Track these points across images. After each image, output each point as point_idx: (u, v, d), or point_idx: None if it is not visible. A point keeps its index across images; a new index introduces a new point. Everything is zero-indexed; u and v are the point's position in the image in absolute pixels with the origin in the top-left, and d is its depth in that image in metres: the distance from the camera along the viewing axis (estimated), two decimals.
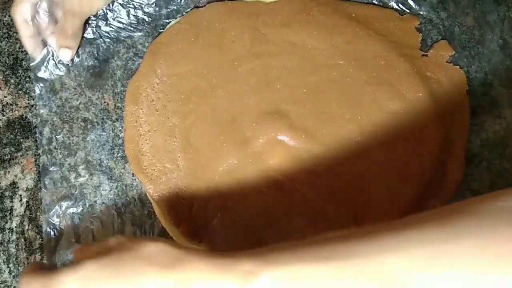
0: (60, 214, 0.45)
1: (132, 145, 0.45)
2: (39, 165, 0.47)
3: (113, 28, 0.49)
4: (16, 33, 0.50)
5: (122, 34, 0.49)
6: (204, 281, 0.29)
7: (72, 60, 0.48)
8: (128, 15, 0.49)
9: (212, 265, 0.29)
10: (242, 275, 0.28)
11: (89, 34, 0.49)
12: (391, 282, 0.26)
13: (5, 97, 0.49)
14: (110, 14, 0.49)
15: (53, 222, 0.45)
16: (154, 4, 0.49)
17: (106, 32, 0.49)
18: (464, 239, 0.26)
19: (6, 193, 0.46)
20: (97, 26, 0.49)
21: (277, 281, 0.27)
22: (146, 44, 0.48)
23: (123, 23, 0.49)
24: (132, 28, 0.49)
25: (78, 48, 0.48)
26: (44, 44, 0.48)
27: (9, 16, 0.50)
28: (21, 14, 0.45)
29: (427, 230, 0.27)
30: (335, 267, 0.27)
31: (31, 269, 0.34)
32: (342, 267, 0.27)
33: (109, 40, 0.49)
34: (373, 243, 0.27)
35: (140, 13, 0.49)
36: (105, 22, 0.49)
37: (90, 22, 0.49)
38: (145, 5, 0.49)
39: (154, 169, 0.45)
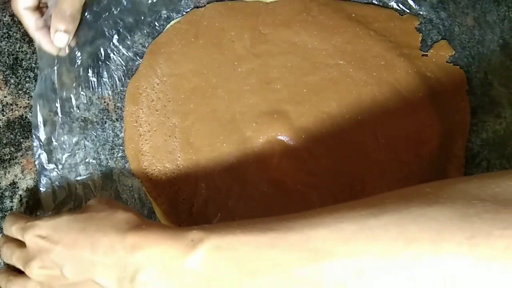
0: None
1: (132, 145, 0.46)
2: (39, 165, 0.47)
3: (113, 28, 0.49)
4: (16, 33, 0.50)
5: (122, 34, 0.49)
6: (152, 247, 0.31)
7: (69, 46, 0.46)
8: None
9: (163, 233, 0.32)
10: (187, 243, 0.30)
11: (89, 34, 0.49)
12: (319, 254, 0.27)
13: (5, 97, 0.49)
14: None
15: None
16: (154, 4, 0.49)
17: (106, 32, 0.49)
18: (387, 215, 0.27)
19: (6, 193, 0.46)
20: (97, 27, 0.49)
21: (217, 249, 0.30)
22: (146, 44, 0.48)
23: (123, 23, 0.49)
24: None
25: (75, 33, 0.46)
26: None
27: (9, 16, 0.50)
28: (23, 3, 0.42)
29: (361, 208, 0.29)
30: (270, 238, 0.29)
31: (13, 215, 0.40)
32: (276, 237, 0.29)
33: (109, 40, 0.49)
34: (310, 220, 0.29)
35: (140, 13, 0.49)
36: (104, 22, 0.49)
37: (90, 22, 0.49)
38: (145, 5, 0.49)
39: (154, 169, 0.45)
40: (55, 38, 0.43)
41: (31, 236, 0.36)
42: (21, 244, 0.38)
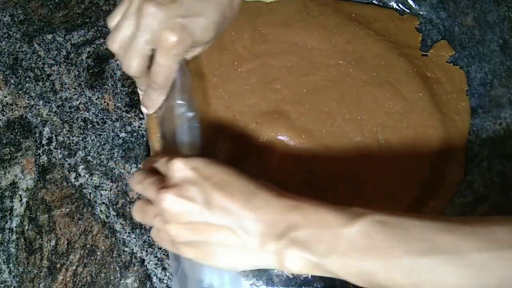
0: None
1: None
2: (39, 165, 0.47)
3: None
4: (16, 33, 0.50)
5: None
6: (310, 210, 0.32)
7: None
8: None
9: (319, 202, 0.33)
10: (348, 213, 0.31)
11: (89, 34, 0.49)
12: (503, 244, 0.29)
13: (5, 97, 0.49)
14: None
15: None
16: None
17: (106, 32, 0.49)
18: None
19: (6, 193, 0.46)
20: (97, 26, 0.49)
21: (381, 224, 0.30)
22: None
23: None
24: None
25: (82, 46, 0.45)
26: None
27: (9, 16, 0.50)
28: (138, 66, 0.38)
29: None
30: (445, 225, 0.30)
31: (149, 159, 0.40)
32: (451, 225, 0.30)
33: None
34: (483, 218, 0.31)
35: None
36: (104, 23, 0.49)
37: (90, 22, 0.49)
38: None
39: None
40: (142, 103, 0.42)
41: (178, 164, 0.34)
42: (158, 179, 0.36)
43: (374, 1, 0.48)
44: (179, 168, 0.34)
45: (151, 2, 0.35)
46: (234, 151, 0.44)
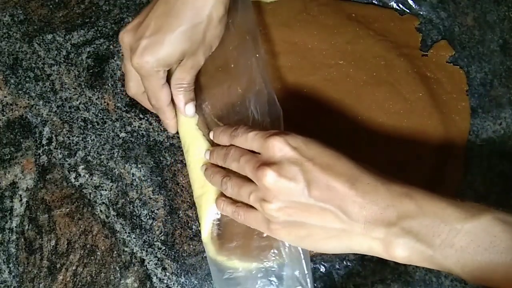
0: None
1: None
2: (39, 165, 0.47)
3: (113, 28, 0.49)
4: (16, 33, 0.50)
5: None
6: (424, 199, 0.31)
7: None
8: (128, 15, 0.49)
9: (430, 192, 0.32)
10: (468, 209, 0.30)
11: (89, 34, 0.49)
12: None
13: (5, 97, 0.49)
14: (111, 15, 0.49)
15: None
16: None
17: (106, 32, 0.49)
18: None
19: (6, 193, 0.46)
20: (97, 26, 0.49)
21: (503, 222, 0.29)
22: None
23: (123, 23, 0.49)
24: None
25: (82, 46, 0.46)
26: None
27: (9, 16, 0.50)
28: (163, 79, 0.39)
29: None
30: None
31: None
32: None
33: (109, 40, 0.49)
34: None
35: None
36: (104, 23, 0.49)
37: (90, 22, 0.49)
38: (145, 5, 0.49)
39: None
40: (187, 108, 0.42)
41: (282, 143, 0.33)
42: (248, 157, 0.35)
43: (374, 1, 0.48)
44: (279, 147, 0.33)
45: (122, 30, 0.40)
46: None
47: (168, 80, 0.40)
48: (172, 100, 0.42)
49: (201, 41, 0.39)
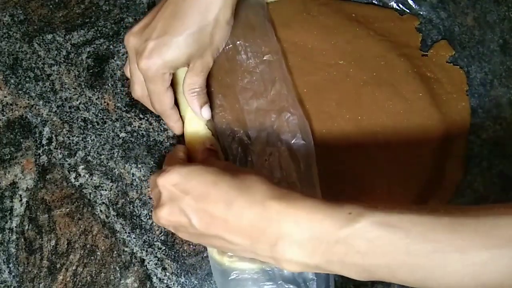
0: None
1: None
2: (39, 165, 0.47)
3: (113, 28, 0.49)
4: (16, 33, 0.50)
5: (122, 34, 0.49)
6: (300, 214, 0.31)
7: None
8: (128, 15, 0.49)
9: (311, 202, 0.32)
10: (345, 216, 0.30)
11: (89, 34, 0.49)
12: (510, 241, 0.28)
13: (5, 97, 0.49)
14: (111, 15, 0.49)
15: None
16: (154, 4, 0.49)
17: (106, 32, 0.49)
18: None
19: (6, 193, 0.46)
20: (97, 26, 0.49)
21: (381, 225, 0.29)
22: None
23: (123, 24, 0.49)
24: None
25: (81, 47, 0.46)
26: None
27: (9, 16, 0.50)
28: (167, 82, 0.40)
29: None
30: (449, 222, 0.29)
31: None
32: (455, 222, 0.29)
33: (109, 40, 0.49)
34: (482, 210, 0.30)
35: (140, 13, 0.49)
36: (104, 23, 0.49)
37: (90, 22, 0.49)
38: (145, 5, 0.49)
39: None
40: (203, 112, 0.42)
41: (163, 182, 0.35)
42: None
43: (374, 1, 0.48)
44: (162, 187, 0.35)
45: (127, 32, 0.40)
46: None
47: (173, 86, 0.41)
48: (176, 104, 0.42)
49: (209, 44, 0.39)
